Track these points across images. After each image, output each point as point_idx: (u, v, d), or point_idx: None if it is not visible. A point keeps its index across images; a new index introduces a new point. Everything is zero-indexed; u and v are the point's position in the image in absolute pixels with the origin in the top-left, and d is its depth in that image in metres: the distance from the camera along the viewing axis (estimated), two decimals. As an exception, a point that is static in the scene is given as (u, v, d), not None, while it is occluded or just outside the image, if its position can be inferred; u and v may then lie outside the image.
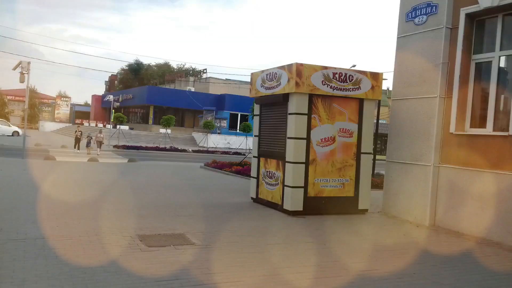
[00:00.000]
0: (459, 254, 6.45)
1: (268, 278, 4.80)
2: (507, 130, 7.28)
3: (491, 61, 7.73)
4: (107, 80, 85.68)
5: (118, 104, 55.57)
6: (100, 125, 53.96)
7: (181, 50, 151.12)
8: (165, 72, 76.08)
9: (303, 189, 8.67)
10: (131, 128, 51.31)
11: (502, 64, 7.73)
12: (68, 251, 5.26)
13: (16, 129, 42.80)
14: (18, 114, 69.26)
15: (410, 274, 5.27)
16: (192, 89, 58.36)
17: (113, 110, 48.61)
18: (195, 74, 67.60)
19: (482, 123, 7.92)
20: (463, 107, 8.09)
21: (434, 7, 8.42)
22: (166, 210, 8.36)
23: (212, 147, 41.30)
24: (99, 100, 69.99)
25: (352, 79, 8.91)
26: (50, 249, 5.33)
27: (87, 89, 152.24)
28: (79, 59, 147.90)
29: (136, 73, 76.68)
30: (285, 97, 8.81)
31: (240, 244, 6.18)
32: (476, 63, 8.05)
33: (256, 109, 10.15)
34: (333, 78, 8.74)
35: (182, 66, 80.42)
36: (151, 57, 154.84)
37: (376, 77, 9.19)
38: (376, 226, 8.25)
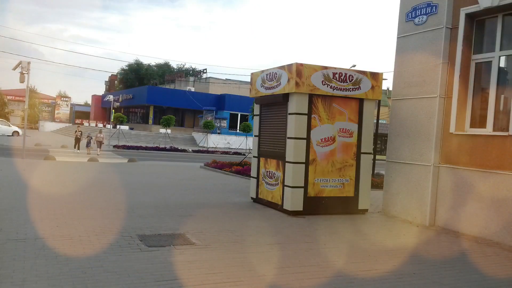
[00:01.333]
0: (459, 254, 6.45)
1: (268, 278, 4.80)
2: (507, 130, 7.28)
3: (491, 61, 7.73)
4: (107, 80, 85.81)
5: (118, 104, 55.55)
6: (100, 125, 54.00)
7: (181, 50, 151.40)
8: (165, 72, 76.17)
9: (303, 189, 8.67)
10: (131, 128, 51.35)
11: (502, 64, 7.73)
12: (68, 251, 5.26)
13: (16, 129, 42.78)
14: (18, 114, 69.24)
15: (410, 274, 5.28)
16: (192, 89, 58.39)
17: (113, 110, 48.59)
18: (195, 74, 67.65)
19: (482, 123, 7.92)
20: (463, 107, 8.09)
21: (434, 7, 8.42)
22: (166, 210, 8.36)
23: (212, 147, 41.31)
24: (99, 100, 70.02)
25: (352, 79, 8.91)
26: (50, 249, 5.33)
27: (87, 89, 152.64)
28: (79, 59, 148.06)
29: (136, 73, 76.70)
30: (285, 97, 8.81)
31: (240, 244, 6.18)
32: (476, 63, 8.05)
33: (256, 109, 10.15)
34: (333, 78, 8.74)
35: (182, 66, 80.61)
36: (151, 57, 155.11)
37: (376, 77, 9.19)
38: (376, 226, 8.25)
